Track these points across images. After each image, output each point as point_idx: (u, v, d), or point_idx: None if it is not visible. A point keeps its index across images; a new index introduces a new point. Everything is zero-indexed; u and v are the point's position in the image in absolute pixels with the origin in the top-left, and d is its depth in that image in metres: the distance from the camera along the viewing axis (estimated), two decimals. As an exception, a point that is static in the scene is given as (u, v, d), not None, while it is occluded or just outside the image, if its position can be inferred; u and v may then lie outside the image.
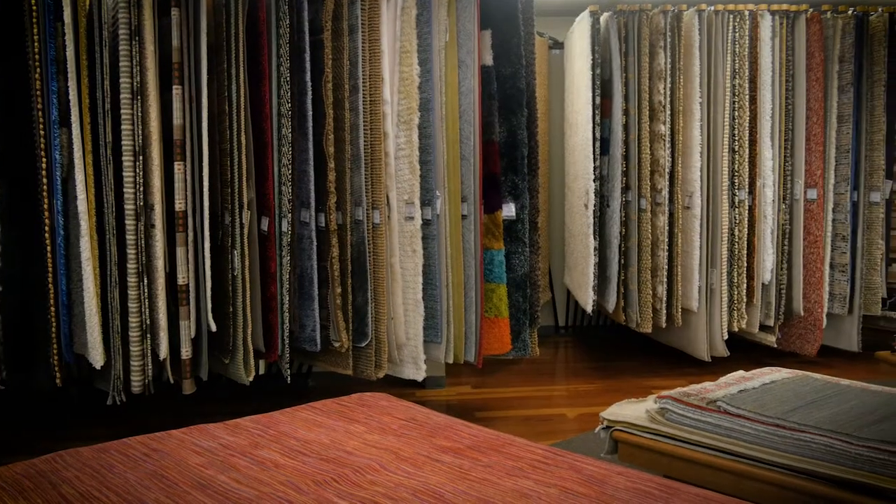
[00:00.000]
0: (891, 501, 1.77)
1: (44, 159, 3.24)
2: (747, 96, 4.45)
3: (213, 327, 3.40)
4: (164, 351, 3.29)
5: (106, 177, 3.27)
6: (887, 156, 4.63)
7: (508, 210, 3.84)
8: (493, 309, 3.82)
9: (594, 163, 4.47)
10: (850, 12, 4.60)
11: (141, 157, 3.26)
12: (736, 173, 4.44)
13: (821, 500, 1.84)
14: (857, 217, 4.65)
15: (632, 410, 2.37)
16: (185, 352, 3.35)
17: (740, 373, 2.58)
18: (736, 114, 4.43)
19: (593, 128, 4.45)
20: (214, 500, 1.62)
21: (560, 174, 5.56)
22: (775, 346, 4.66)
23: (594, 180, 4.47)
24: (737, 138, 4.44)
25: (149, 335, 3.29)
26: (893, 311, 4.70)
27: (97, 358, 3.22)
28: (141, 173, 3.26)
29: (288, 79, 3.50)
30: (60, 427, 3.79)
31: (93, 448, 1.95)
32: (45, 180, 3.25)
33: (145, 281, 3.28)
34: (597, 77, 4.47)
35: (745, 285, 4.48)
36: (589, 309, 4.52)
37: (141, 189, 3.25)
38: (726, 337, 4.45)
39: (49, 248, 3.25)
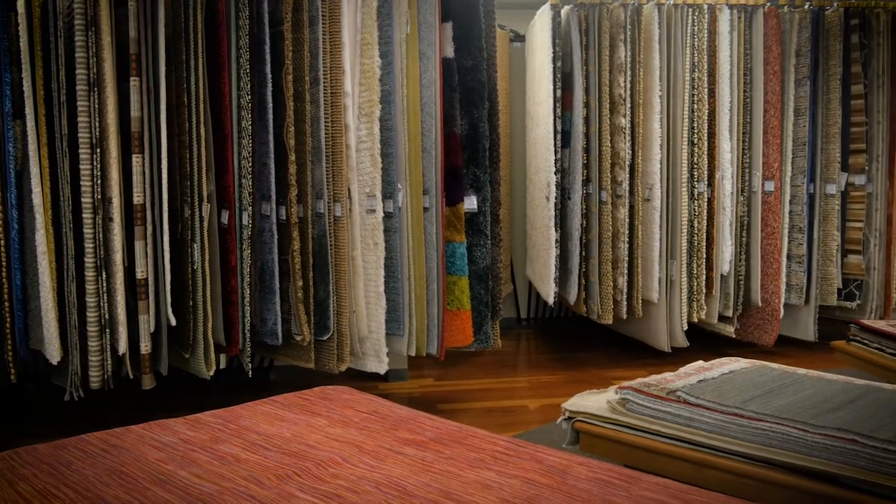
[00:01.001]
0: (845, 488, 1.80)
1: (-2, 152, 3.19)
2: (706, 89, 4.49)
3: (173, 321, 3.37)
4: (123, 346, 3.25)
5: (62, 169, 3.22)
6: (842, 148, 4.70)
7: (470, 202, 3.85)
8: (455, 301, 3.83)
9: (555, 155, 4.49)
10: (806, 7, 4.66)
11: (98, 150, 3.21)
12: (695, 166, 4.48)
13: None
14: (814, 209, 4.72)
15: (593, 401, 2.39)
16: (145, 346, 3.31)
17: (700, 363, 2.61)
18: (695, 107, 4.47)
19: (554, 120, 4.47)
20: (174, 495, 1.61)
21: (521, 167, 5.57)
22: (734, 336, 4.72)
23: (555, 173, 4.49)
24: (696, 131, 4.48)
25: (107, 330, 3.25)
26: (849, 301, 4.78)
27: (54, 353, 3.18)
28: (98, 166, 3.21)
29: (248, 70, 3.47)
30: (16, 424, 3.74)
31: (50, 445, 1.92)
32: (-1, 173, 3.20)
33: (103, 275, 3.23)
34: (558, 70, 4.48)
35: (704, 276, 4.53)
36: (550, 301, 4.54)
37: (98, 182, 3.21)
38: (686, 327, 4.50)
39: (3, 243, 3.19)
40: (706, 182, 4.52)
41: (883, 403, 2.10)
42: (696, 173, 4.49)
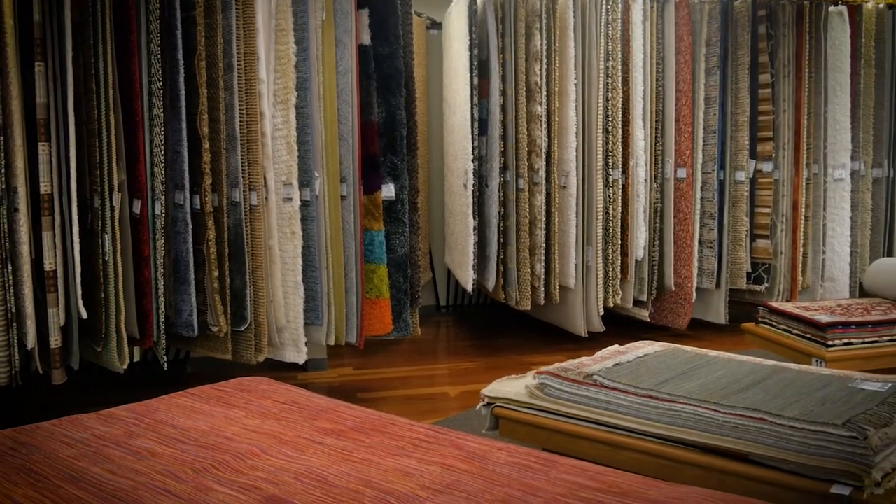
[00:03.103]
0: (755, 465, 1.86)
1: None
2: (620, 78, 4.56)
3: (84, 314, 3.28)
4: (31, 340, 3.15)
5: (-37, 158, 3.11)
6: (751, 136, 4.84)
7: (388, 190, 3.84)
8: (374, 290, 3.82)
9: (472, 143, 4.51)
10: (715, -3, 4.77)
11: (2, 138, 3.10)
12: (610, 153, 4.55)
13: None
14: (724, 195, 4.85)
15: (512, 387, 2.41)
16: (55, 340, 3.22)
17: (615, 347, 2.65)
18: (609, 95, 4.54)
19: (471, 108, 4.48)
20: (87, 492, 1.57)
21: (439, 154, 5.58)
22: (648, 320, 4.82)
23: (473, 160, 4.51)
24: (610, 119, 4.55)
25: (14, 324, 3.14)
26: (757, 284, 4.92)
27: (-42, 349, 3.07)
28: (2, 154, 3.10)
29: (159, 56, 3.40)
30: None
31: (-46, 444, 1.86)
32: None
33: (9, 267, 3.13)
34: (474, 58, 4.50)
35: (619, 262, 4.61)
36: (469, 288, 4.56)
37: (3, 171, 3.10)
38: (602, 312, 4.57)
39: None
40: (621, 169, 4.60)
41: (789, 383, 2.18)
42: (610, 160, 4.56)
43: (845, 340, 3.06)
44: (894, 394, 2.02)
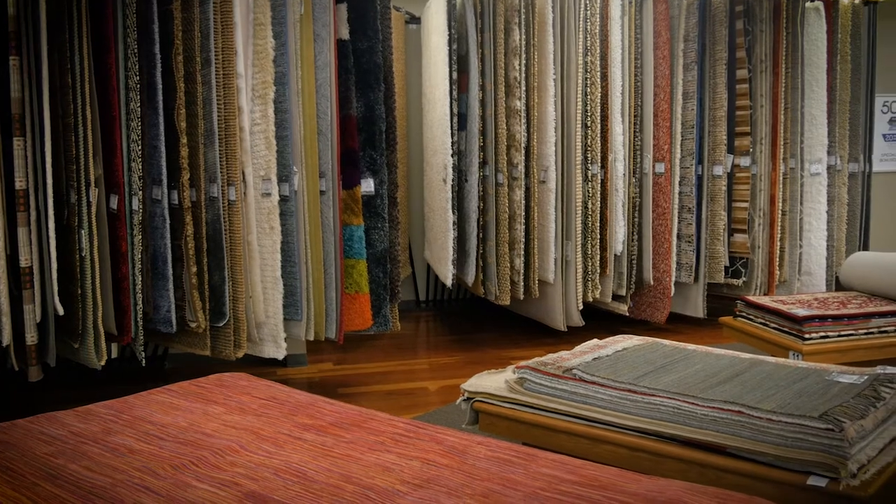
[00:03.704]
0: (733, 457, 1.87)
1: None
2: (599, 73, 4.57)
3: (61, 311, 3.25)
4: (6, 337, 3.12)
5: (-63, 153, 3.07)
6: (728, 131, 4.86)
7: (367, 185, 3.83)
8: (354, 285, 3.81)
9: (452, 138, 4.51)
10: (693, -7, 4.79)
11: (-24, 133, 3.07)
12: (589, 148, 4.56)
13: None
14: (702, 190, 4.87)
15: (491, 381, 2.41)
16: (31, 337, 3.19)
17: (594, 341, 2.66)
18: (588, 90, 4.55)
19: (450, 103, 4.48)
20: (65, 490, 1.56)
21: (419, 149, 5.58)
22: (627, 314, 4.84)
23: (452, 155, 4.50)
24: (589, 114, 4.56)
25: (-11, 321, 3.12)
26: (735, 278, 4.95)
27: (-68, 346, 3.04)
28: (-24, 149, 3.07)
29: (136, 50, 3.37)
30: None
31: (-71, 442, 1.84)
32: None
33: (-16, 263, 3.10)
34: (453, 52, 4.49)
35: (598, 257, 4.62)
36: (448, 283, 4.57)
37: (-23, 166, 3.07)
38: (581, 307, 4.58)
39: None
40: (599, 164, 4.61)
41: (766, 376, 2.19)
42: (589, 155, 4.57)
43: (822, 334, 3.08)
44: (870, 386, 2.03)
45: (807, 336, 3.06)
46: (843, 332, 3.12)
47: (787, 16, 4.80)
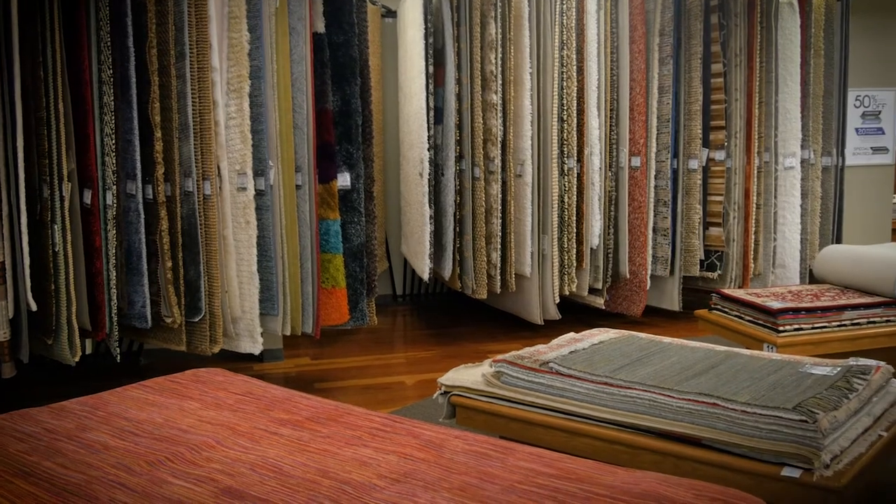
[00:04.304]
0: (708, 449, 1.89)
1: None
2: (575, 67, 4.58)
3: (34, 307, 3.22)
4: (-21, 333, 3.09)
5: None
6: (703, 125, 4.89)
7: (343, 180, 3.82)
8: (330, 279, 3.80)
9: (428, 132, 4.50)
10: (668, -13, 4.80)
11: (-54, 127, 3.03)
12: (565, 142, 4.57)
13: None
14: (677, 183, 4.90)
15: (468, 375, 2.42)
16: (3, 334, 3.16)
17: (571, 335, 2.67)
18: (564, 84, 4.55)
19: (427, 97, 4.47)
20: (40, 487, 1.55)
21: (395, 143, 5.57)
22: (604, 307, 4.86)
23: (428, 149, 4.50)
24: (565, 108, 4.56)
25: (-39, 317, 3.09)
26: (710, 271, 4.98)
27: None
28: (-54, 144, 3.03)
29: (109, 44, 3.34)
30: None
31: None
32: None
33: (-45, 259, 3.07)
34: (430, 46, 4.49)
35: (574, 250, 4.64)
36: (425, 277, 4.56)
37: (-53, 161, 3.03)
38: (558, 300, 4.60)
39: None
40: (576, 158, 4.62)
41: (741, 368, 2.21)
42: (565, 149, 4.58)
43: (795, 326, 3.11)
44: (843, 378, 2.05)
45: (781, 328, 3.08)
46: (816, 325, 3.14)
47: (761, 10, 4.83)
